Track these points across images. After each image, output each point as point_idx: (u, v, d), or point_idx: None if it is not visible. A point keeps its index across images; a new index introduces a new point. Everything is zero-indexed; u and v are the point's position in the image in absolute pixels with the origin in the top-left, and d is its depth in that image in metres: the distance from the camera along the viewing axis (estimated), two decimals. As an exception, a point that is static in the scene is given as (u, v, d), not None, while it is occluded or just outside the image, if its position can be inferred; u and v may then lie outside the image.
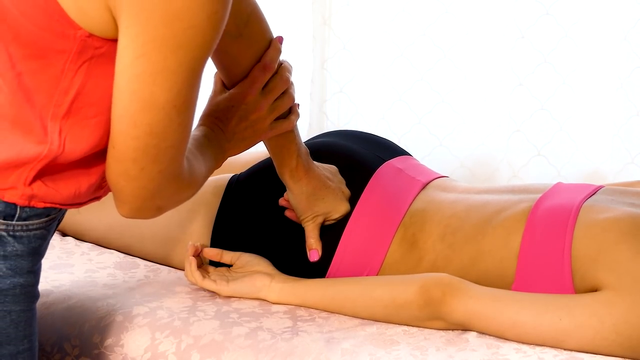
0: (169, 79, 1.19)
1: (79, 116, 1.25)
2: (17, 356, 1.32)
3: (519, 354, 1.49)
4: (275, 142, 1.65)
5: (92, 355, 1.60)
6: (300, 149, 1.66)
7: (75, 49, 1.21)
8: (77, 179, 1.30)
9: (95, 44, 1.21)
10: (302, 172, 1.68)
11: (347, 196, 1.73)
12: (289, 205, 1.73)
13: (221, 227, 1.78)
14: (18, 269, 1.30)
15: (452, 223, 1.69)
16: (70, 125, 1.25)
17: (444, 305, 1.56)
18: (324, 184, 1.70)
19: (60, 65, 1.22)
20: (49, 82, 1.22)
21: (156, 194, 1.29)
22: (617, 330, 1.48)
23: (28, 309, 1.33)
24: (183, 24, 1.17)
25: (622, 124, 2.24)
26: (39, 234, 1.32)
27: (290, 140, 1.64)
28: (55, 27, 1.20)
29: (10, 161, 1.24)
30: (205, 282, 1.69)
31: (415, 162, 1.87)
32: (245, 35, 1.55)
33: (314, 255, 1.71)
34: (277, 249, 1.74)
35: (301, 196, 1.69)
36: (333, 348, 1.51)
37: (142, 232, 1.85)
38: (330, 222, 1.72)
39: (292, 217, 1.73)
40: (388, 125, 2.40)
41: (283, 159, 1.67)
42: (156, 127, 1.22)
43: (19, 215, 1.28)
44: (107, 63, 1.23)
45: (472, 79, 2.34)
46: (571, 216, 1.59)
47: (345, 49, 2.40)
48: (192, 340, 1.56)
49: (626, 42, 2.20)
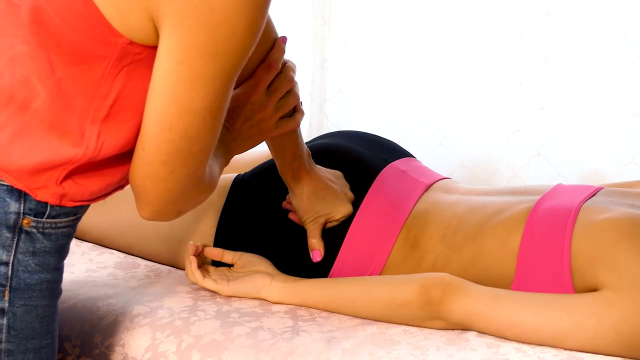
0: (207, 85, 1.22)
1: (117, 119, 1.27)
2: (41, 350, 1.35)
3: (519, 354, 1.49)
4: (277, 143, 1.66)
5: (93, 355, 1.60)
6: (302, 149, 1.67)
7: (116, 55, 1.23)
8: (106, 176, 1.33)
9: (135, 50, 1.24)
10: (304, 172, 1.68)
11: (350, 199, 1.74)
12: (292, 208, 1.73)
13: (225, 227, 1.78)
14: (45, 265, 1.33)
15: (452, 224, 1.69)
16: (108, 129, 1.28)
17: (444, 305, 1.56)
18: (326, 184, 1.71)
19: (100, 70, 1.24)
20: (89, 87, 1.25)
21: (180, 197, 1.32)
22: (616, 330, 1.48)
23: (52, 304, 1.36)
24: (224, 32, 1.19)
25: (622, 124, 2.24)
26: (65, 232, 1.35)
27: (292, 141, 1.65)
28: (97, 35, 1.22)
29: (45, 163, 1.27)
30: (206, 281, 1.69)
31: (418, 164, 1.87)
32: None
33: (316, 256, 1.71)
34: (281, 249, 1.74)
35: (302, 196, 1.69)
36: (333, 348, 1.51)
37: (145, 231, 1.85)
38: (333, 223, 1.72)
39: (296, 220, 1.73)
40: (388, 125, 2.40)
41: (285, 160, 1.67)
42: (191, 131, 1.25)
43: (48, 213, 1.31)
44: (145, 68, 1.25)
45: (472, 79, 2.34)
46: (571, 216, 1.59)
47: (345, 49, 2.40)
48: (193, 340, 1.56)
49: (626, 42, 2.20)
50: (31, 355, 1.33)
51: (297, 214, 1.73)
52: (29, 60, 1.24)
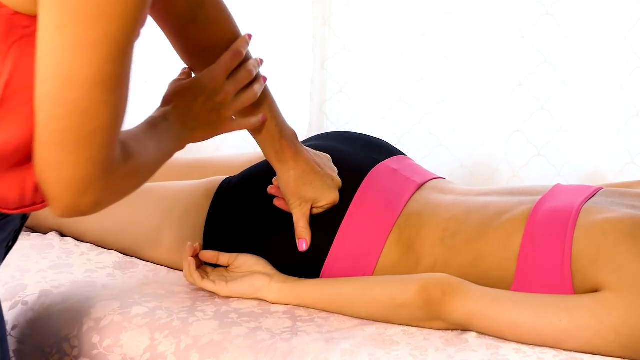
0: (90, 52, 1.11)
1: (13, 102, 1.17)
2: None
3: (518, 355, 1.49)
4: (257, 128, 1.67)
5: (92, 355, 1.60)
6: (283, 130, 1.68)
7: (3, 29, 1.15)
8: (21, 177, 1.21)
9: (22, 22, 1.15)
10: (289, 154, 1.69)
11: (338, 185, 1.73)
12: (278, 193, 1.73)
13: (212, 230, 1.78)
14: None
15: (450, 226, 1.69)
16: (4, 114, 1.17)
17: (444, 306, 1.56)
18: (313, 169, 1.71)
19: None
20: None
21: (88, 186, 1.18)
22: (616, 331, 1.48)
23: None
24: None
25: (622, 124, 2.24)
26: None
27: (270, 122, 1.67)
28: None
29: None
30: (205, 282, 1.69)
31: (410, 163, 1.87)
32: (200, 19, 1.57)
33: (302, 245, 1.70)
34: (267, 251, 1.74)
35: (289, 180, 1.70)
36: (332, 348, 1.51)
37: (136, 236, 1.85)
38: (318, 210, 1.72)
39: (281, 206, 1.73)
40: (388, 125, 2.40)
41: (266, 142, 1.68)
42: (80, 105, 1.13)
43: None
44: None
45: (472, 79, 2.34)
46: (571, 218, 1.59)
47: (345, 49, 2.40)
48: (192, 341, 1.56)
49: (626, 42, 2.20)
50: None
51: (283, 198, 1.72)
52: None
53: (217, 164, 2.03)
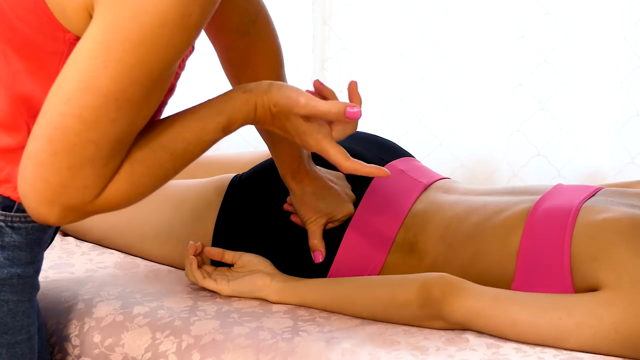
0: (120, 71, 1.13)
1: None
2: (15, 346, 1.32)
3: (518, 354, 1.49)
4: (278, 144, 1.65)
5: (93, 355, 1.60)
6: (302, 151, 1.67)
7: (66, 52, 1.19)
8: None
9: None
10: (304, 173, 1.68)
11: (352, 199, 1.74)
12: (293, 210, 1.74)
13: (223, 227, 1.78)
14: (16, 260, 1.30)
15: (452, 223, 1.69)
16: None
17: (444, 305, 1.56)
18: (326, 185, 1.71)
19: (54, 67, 1.20)
20: (45, 82, 1.21)
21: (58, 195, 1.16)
22: (616, 329, 1.48)
23: (26, 299, 1.34)
24: (152, 19, 1.11)
25: (622, 124, 2.24)
26: (37, 227, 1.31)
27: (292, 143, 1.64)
28: (46, 30, 1.19)
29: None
30: (206, 281, 1.69)
31: (417, 164, 1.87)
32: (253, 33, 1.57)
33: (317, 257, 1.71)
34: (278, 249, 1.74)
35: (303, 197, 1.69)
36: (333, 348, 1.51)
37: (144, 231, 1.85)
38: (335, 223, 1.72)
39: (297, 222, 1.73)
40: (388, 125, 2.40)
41: (285, 161, 1.67)
42: (87, 112, 1.14)
43: (17, 206, 1.27)
44: None
45: (472, 79, 2.34)
46: (570, 216, 1.59)
47: (345, 49, 2.40)
48: (193, 340, 1.56)
49: (626, 42, 2.20)
50: (4, 350, 1.31)
51: (298, 215, 1.73)
52: None
53: (223, 162, 2.02)
